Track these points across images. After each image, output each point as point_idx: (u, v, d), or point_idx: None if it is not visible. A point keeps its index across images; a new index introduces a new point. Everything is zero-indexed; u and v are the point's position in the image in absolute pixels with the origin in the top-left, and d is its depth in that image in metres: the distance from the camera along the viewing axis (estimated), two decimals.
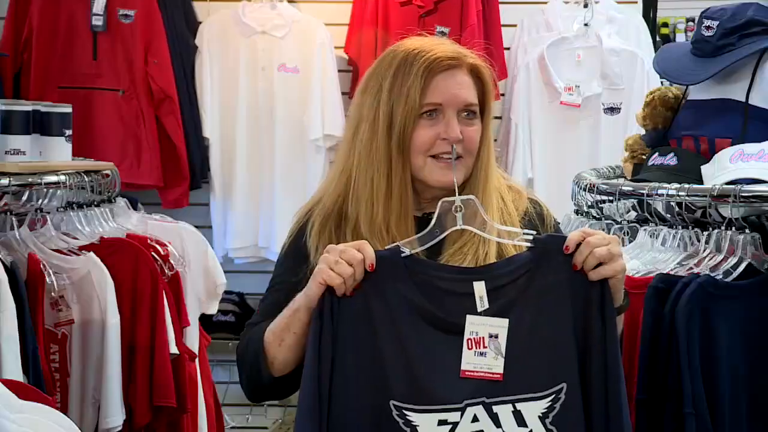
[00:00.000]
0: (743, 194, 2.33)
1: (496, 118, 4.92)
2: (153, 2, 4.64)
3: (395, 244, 2.00)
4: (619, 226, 2.70)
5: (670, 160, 2.65)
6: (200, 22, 4.85)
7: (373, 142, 2.12)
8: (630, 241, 2.62)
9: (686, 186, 2.43)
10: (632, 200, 2.65)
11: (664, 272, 2.37)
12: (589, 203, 2.85)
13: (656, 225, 2.55)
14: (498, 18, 4.82)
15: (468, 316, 1.94)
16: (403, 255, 1.98)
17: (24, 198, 2.91)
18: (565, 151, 4.76)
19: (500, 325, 1.94)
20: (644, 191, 2.52)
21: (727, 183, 2.43)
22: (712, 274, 2.32)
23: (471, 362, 1.94)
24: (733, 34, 2.68)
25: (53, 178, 2.91)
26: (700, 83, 2.72)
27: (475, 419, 1.93)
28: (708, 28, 2.71)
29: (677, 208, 2.46)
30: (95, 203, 3.12)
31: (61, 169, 2.97)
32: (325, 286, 1.94)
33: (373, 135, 2.12)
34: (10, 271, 2.62)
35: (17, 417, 1.67)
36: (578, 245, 1.95)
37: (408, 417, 1.93)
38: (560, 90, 4.72)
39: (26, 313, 2.62)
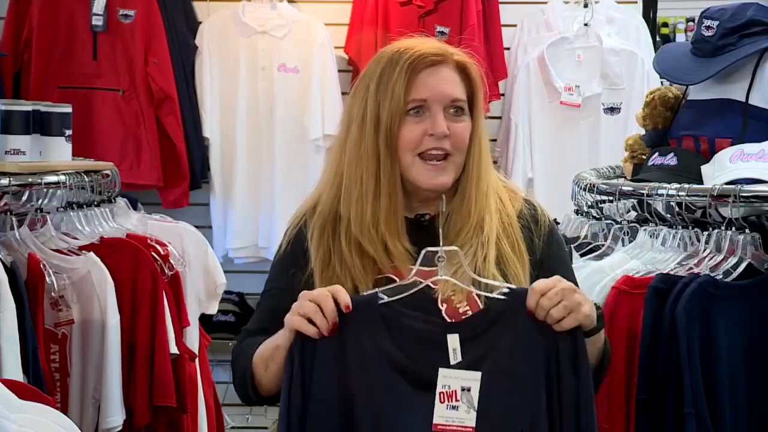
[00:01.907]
0: (743, 194, 2.33)
1: (496, 118, 4.92)
2: (153, 2, 4.63)
3: (374, 291, 1.99)
4: (619, 226, 2.70)
5: (670, 160, 2.65)
6: (200, 22, 4.85)
7: (362, 142, 2.12)
8: (630, 241, 2.62)
9: (686, 186, 2.43)
10: (632, 200, 2.65)
11: (664, 272, 2.37)
12: (589, 203, 2.85)
13: (656, 225, 2.55)
14: (498, 18, 4.82)
15: (441, 369, 1.93)
16: (380, 302, 1.96)
17: (24, 198, 2.91)
18: (565, 151, 4.76)
19: (473, 378, 1.93)
20: (644, 191, 2.52)
21: (727, 183, 2.43)
22: (712, 274, 2.32)
23: (443, 416, 1.92)
24: (733, 34, 2.68)
25: (53, 178, 2.91)
26: (700, 83, 2.73)
27: None
28: (708, 28, 2.71)
29: (677, 208, 2.46)
30: (95, 203, 3.13)
31: (61, 169, 2.97)
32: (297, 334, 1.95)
33: (361, 134, 2.12)
34: (10, 271, 2.62)
35: (17, 417, 1.67)
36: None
37: None
38: (560, 90, 4.72)
39: (26, 313, 2.62)
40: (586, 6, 4.80)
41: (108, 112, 4.63)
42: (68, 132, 3.14)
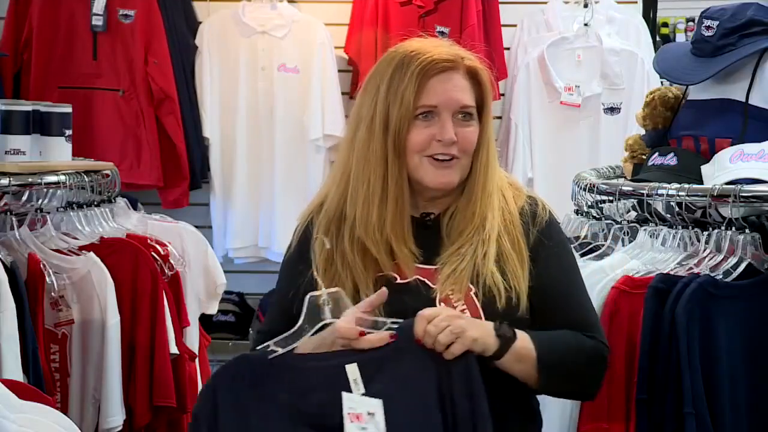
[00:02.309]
0: (743, 194, 2.33)
1: (497, 118, 4.91)
2: (153, 2, 4.63)
3: (266, 344, 1.97)
4: (619, 226, 2.70)
5: (670, 160, 2.65)
6: (200, 22, 4.85)
7: (370, 143, 2.12)
8: (630, 241, 2.62)
9: (686, 186, 2.43)
10: (632, 200, 2.65)
11: (664, 272, 2.37)
12: (589, 203, 2.85)
13: (656, 225, 2.55)
14: (498, 18, 4.82)
15: (344, 394, 1.93)
16: (270, 357, 1.95)
17: (24, 198, 2.91)
18: (565, 151, 4.76)
19: (375, 405, 1.94)
20: (644, 191, 2.52)
21: (727, 183, 2.43)
22: (712, 274, 2.32)
23: None
24: (733, 34, 2.68)
25: (53, 178, 2.91)
26: (700, 83, 2.72)
27: None
28: (708, 28, 2.71)
29: (677, 208, 2.46)
30: (95, 203, 3.12)
31: (61, 169, 2.97)
32: None
33: (370, 136, 2.12)
34: (10, 271, 2.62)
35: (17, 417, 1.67)
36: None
37: None
38: (560, 90, 4.72)
39: (26, 313, 2.62)
40: (586, 6, 4.79)
41: (108, 112, 4.63)
42: (68, 132, 3.14)
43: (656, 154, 2.72)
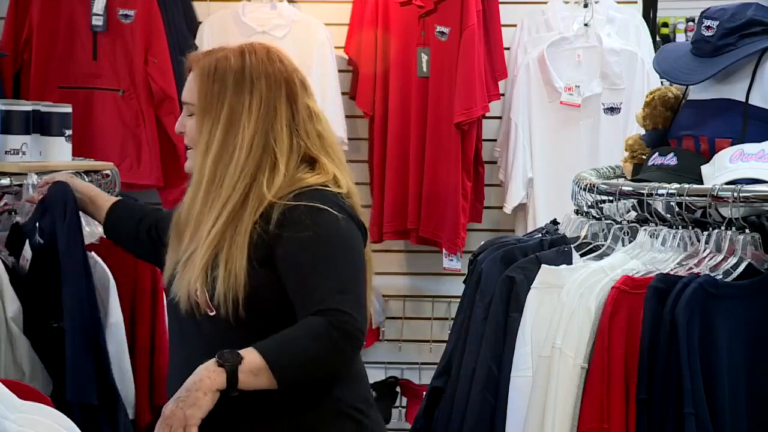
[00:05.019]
0: (743, 194, 2.33)
1: (497, 118, 4.92)
2: (153, 2, 4.63)
3: None
4: (619, 226, 2.70)
5: (670, 160, 2.65)
6: (200, 22, 4.84)
7: None
8: (630, 241, 2.62)
9: (686, 186, 2.43)
10: (632, 200, 2.65)
11: (664, 272, 2.37)
12: (589, 203, 2.85)
13: (656, 225, 2.55)
14: (498, 18, 4.81)
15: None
16: None
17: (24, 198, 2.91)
18: (565, 151, 4.75)
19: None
20: (644, 191, 2.52)
21: (727, 183, 2.43)
22: (712, 274, 2.33)
23: None
24: (733, 34, 2.68)
25: None
26: (700, 83, 2.73)
27: None
28: (708, 28, 2.71)
29: (677, 208, 2.46)
30: None
31: (61, 169, 2.97)
32: None
33: None
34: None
35: (17, 417, 1.67)
36: None
37: None
38: (560, 90, 4.72)
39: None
40: (586, 6, 4.78)
41: (108, 112, 4.62)
42: (68, 132, 3.14)
43: (656, 154, 2.72)
